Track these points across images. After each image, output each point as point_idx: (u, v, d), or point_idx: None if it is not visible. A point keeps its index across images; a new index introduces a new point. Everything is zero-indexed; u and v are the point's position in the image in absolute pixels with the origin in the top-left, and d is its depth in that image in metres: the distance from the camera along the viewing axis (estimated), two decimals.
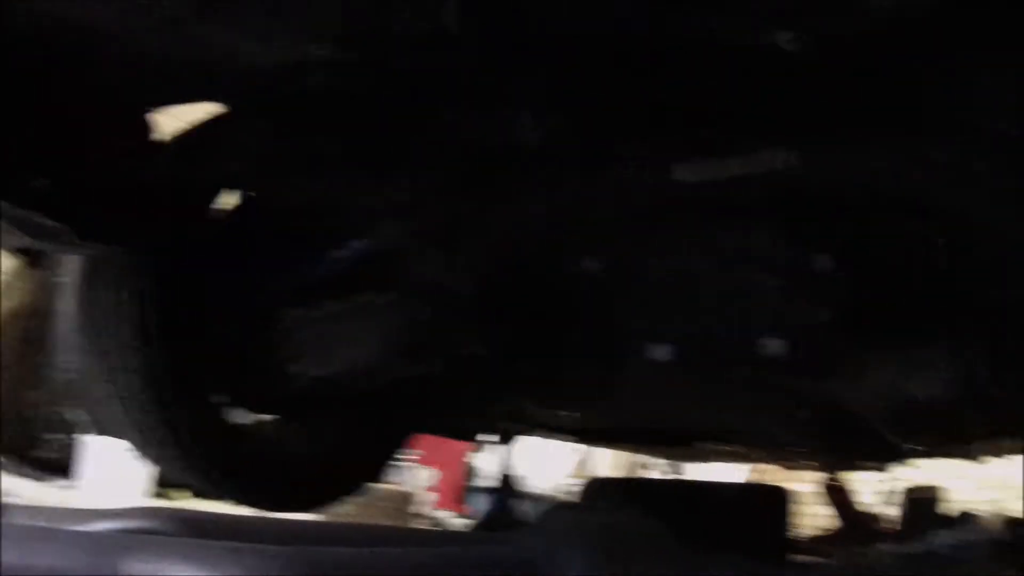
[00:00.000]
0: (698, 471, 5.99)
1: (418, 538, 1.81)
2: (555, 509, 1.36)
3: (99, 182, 1.56)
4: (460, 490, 7.55)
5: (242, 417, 2.27)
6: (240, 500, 2.19)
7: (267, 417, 2.32)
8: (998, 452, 3.52)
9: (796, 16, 1.25)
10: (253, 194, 2.04)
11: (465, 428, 2.78)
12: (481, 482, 6.89)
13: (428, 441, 6.64)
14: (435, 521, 6.09)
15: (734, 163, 1.40)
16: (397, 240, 1.68)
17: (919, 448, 2.90)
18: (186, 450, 1.90)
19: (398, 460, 5.99)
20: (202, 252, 1.93)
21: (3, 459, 4.39)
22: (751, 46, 1.31)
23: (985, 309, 1.61)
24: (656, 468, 7.36)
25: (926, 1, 1.23)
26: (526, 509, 3.34)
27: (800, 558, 2.78)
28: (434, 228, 1.64)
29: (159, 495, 4.08)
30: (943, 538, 2.58)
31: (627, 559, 1.20)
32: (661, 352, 1.65)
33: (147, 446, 1.89)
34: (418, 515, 5.86)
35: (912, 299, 1.63)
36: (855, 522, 4.17)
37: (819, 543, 3.80)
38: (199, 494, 3.63)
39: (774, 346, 1.54)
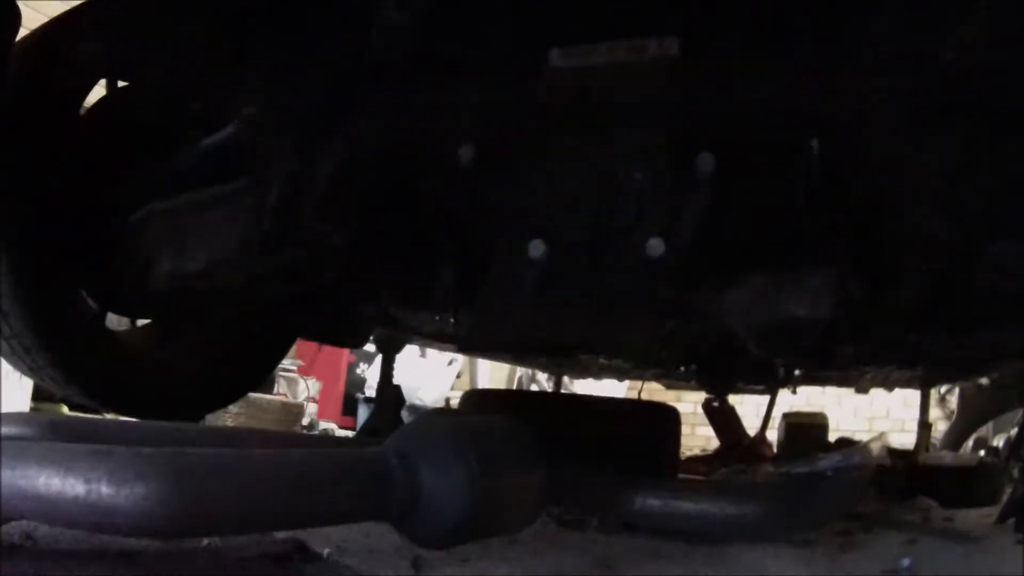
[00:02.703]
0: (586, 387, 6.11)
1: (285, 441, 1.85)
2: (426, 415, 1.39)
3: None
4: (342, 400, 7.62)
5: (119, 323, 2.25)
6: (114, 407, 2.17)
7: (141, 322, 2.31)
8: (885, 384, 3.64)
9: None
10: (117, 84, 2.00)
11: (338, 332, 2.71)
12: (366, 393, 6.97)
13: (309, 352, 6.67)
14: (318, 431, 6.14)
15: (610, 48, 1.36)
16: (253, 123, 1.62)
17: (795, 371, 2.98)
18: (57, 357, 1.87)
19: (280, 370, 6.03)
20: (65, 147, 1.88)
21: None
22: None
23: (861, 230, 1.60)
24: (542, 385, 7.54)
25: None
26: (405, 418, 3.36)
27: (682, 476, 2.83)
28: (289, 111, 1.57)
29: (34, 409, 4.00)
30: (824, 461, 2.66)
31: (491, 458, 1.21)
32: (533, 250, 1.55)
33: (18, 354, 1.86)
34: (301, 424, 5.88)
35: (786, 212, 1.61)
36: (736, 443, 4.17)
37: (699, 463, 3.92)
38: (74, 405, 3.59)
39: (645, 249, 1.46)
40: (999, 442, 4.90)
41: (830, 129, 1.42)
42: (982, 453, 4.50)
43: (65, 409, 4.00)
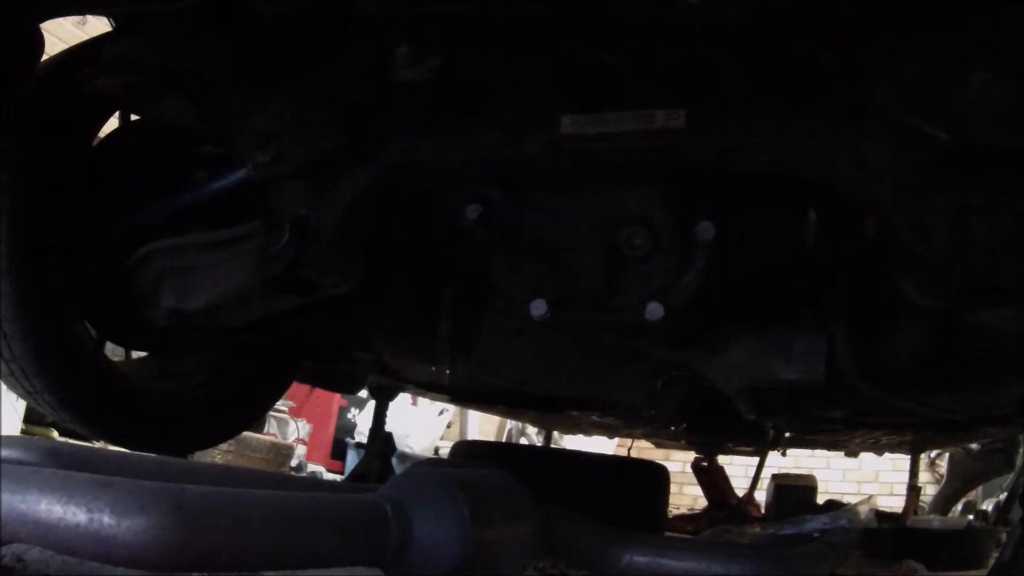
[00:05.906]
0: (576, 443, 6.08)
1: (282, 482, 1.85)
2: (418, 464, 1.40)
3: None
4: (331, 444, 7.59)
5: (113, 352, 2.25)
6: (107, 437, 2.17)
7: (138, 354, 2.31)
8: (875, 448, 3.65)
9: None
10: (129, 118, 2.02)
11: (333, 377, 2.76)
12: (356, 438, 6.94)
13: (301, 394, 6.67)
14: (306, 473, 6.10)
15: (619, 118, 1.39)
16: (265, 170, 1.62)
17: (785, 433, 3.00)
18: (55, 382, 1.86)
19: (271, 411, 6.02)
20: (72, 177, 1.90)
21: None
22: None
23: (851, 294, 1.64)
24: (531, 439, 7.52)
25: None
26: (395, 466, 3.36)
27: (669, 535, 2.84)
28: (301, 159, 1.58)
29: (26, 432, 3.99)
30: (812, 523, 2.65)
31: (483, 510, 1.22)
32: (534, 309, 1.56)
33: (16, 377, 1.85)
34: (289, 466, 5.85)
35: (780, 276, 1.65)
36: (724, 503, 4.23)
37: (686, 521, 3.92)
38: (66, 432, 3.58)
39: (644, 312, 1.48)
40: (988, 506, 4.90)
41: (827, 197, 1.46)
42: (971, 517, 4.50)
43: (55, 434, 3.99)
